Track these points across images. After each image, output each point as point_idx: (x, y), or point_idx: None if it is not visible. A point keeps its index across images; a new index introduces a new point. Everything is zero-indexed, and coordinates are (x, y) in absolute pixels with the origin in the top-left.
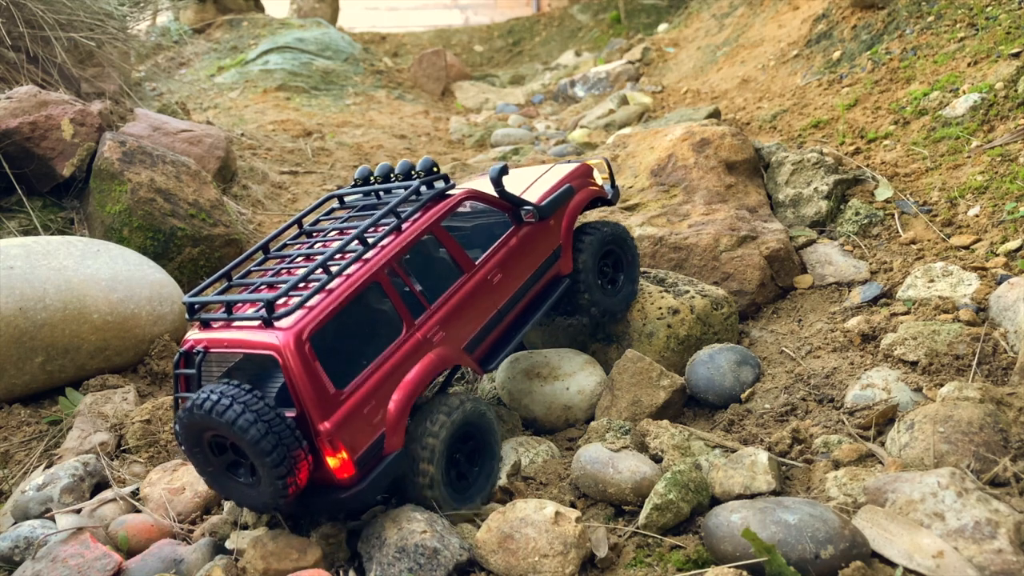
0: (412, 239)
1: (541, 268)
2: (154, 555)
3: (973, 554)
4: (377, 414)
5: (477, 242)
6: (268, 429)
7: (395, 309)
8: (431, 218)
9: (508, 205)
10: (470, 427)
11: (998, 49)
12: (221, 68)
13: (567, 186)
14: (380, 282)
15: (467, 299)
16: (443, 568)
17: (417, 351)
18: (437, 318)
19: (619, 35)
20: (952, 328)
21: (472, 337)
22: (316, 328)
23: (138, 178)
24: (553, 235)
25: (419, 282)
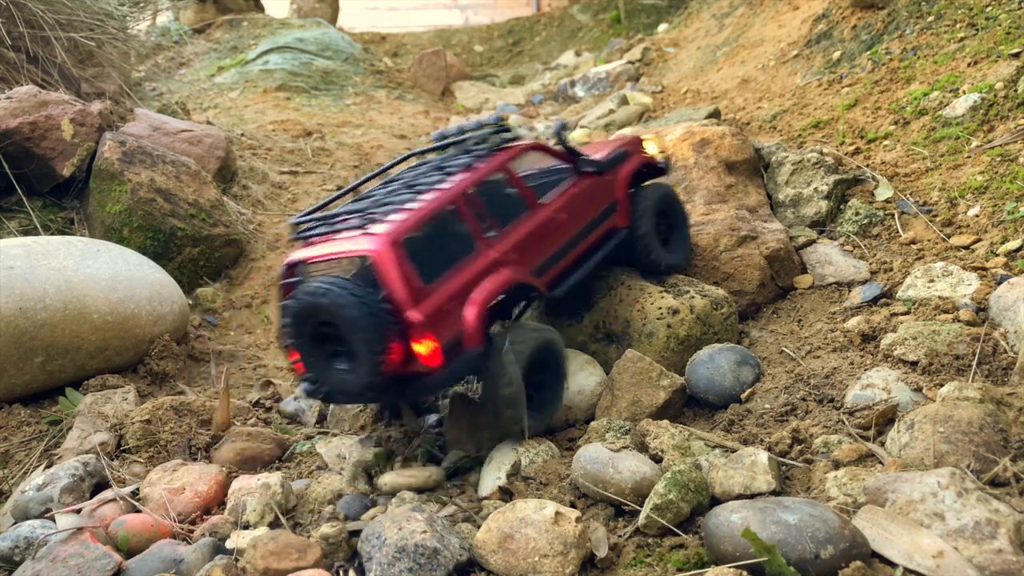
0: (483, 173)
1: (600, 216)
2: (154, 555)
3: (973, 554)
4: (458, 312)
5: (544, 188)
6: (368, 309)
7: (470, 230)
8: (501, 158)
9: (568, 157)
10: (545, 353)
11: (998, 49)
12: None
13: (623, 150)
14: (457, 206)
15: (534, 230)
16: (443, 568)
17: (490, 266)
18: (507, 243)
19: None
20: (952, 328)
21: (540, 264)
22: (404, 233)
23: (138, 178)
24: (610, 190)
25: (491, 212)
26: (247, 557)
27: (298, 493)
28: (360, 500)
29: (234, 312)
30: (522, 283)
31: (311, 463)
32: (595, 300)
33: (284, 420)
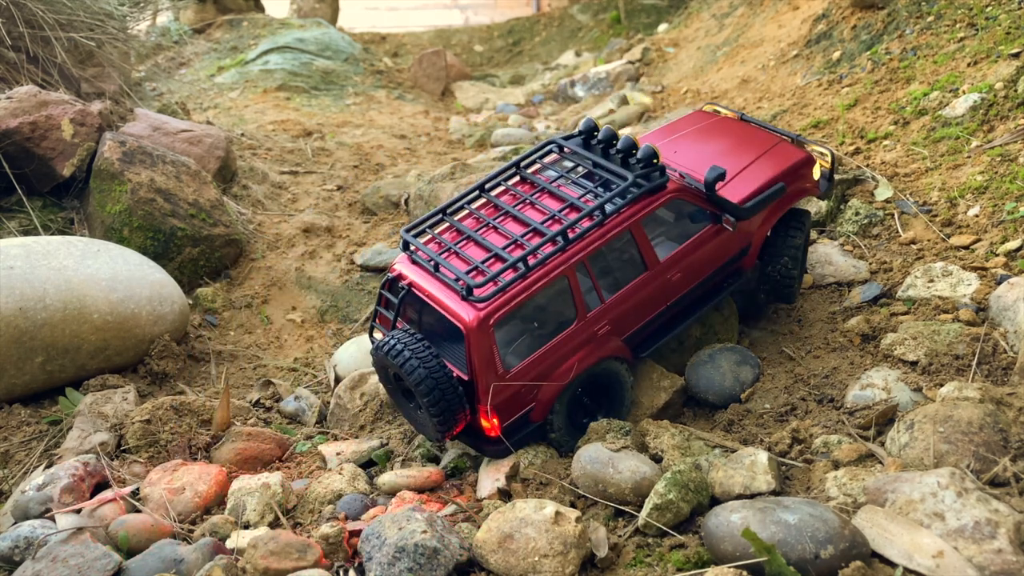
0: (610, 237)
1: (725, 265)
2: (154, 555)
3: (973, 554)
4: (531, 393)
5: (670, 236)
6: (435, 385)
7: (574, 301)
8: (634, 216)
9: (712, 208)
10: (601, 379)
11: (998, 49)
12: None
13: (780, 185)
14: (568, 276)
15: (641, 296)
16: (443, 568)
17: (582, 343)
18: (608, 313)
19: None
20: (952, 328)
21: (637, 329)
22: (504, 315)
23: (138, 178)
24: (749, 232)
25: (602, 276)
26: (247, 557)
27: (298, 493)
28: (360, 500)
29: (234, 312)
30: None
31: (311, 463)
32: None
33: (284, 420)
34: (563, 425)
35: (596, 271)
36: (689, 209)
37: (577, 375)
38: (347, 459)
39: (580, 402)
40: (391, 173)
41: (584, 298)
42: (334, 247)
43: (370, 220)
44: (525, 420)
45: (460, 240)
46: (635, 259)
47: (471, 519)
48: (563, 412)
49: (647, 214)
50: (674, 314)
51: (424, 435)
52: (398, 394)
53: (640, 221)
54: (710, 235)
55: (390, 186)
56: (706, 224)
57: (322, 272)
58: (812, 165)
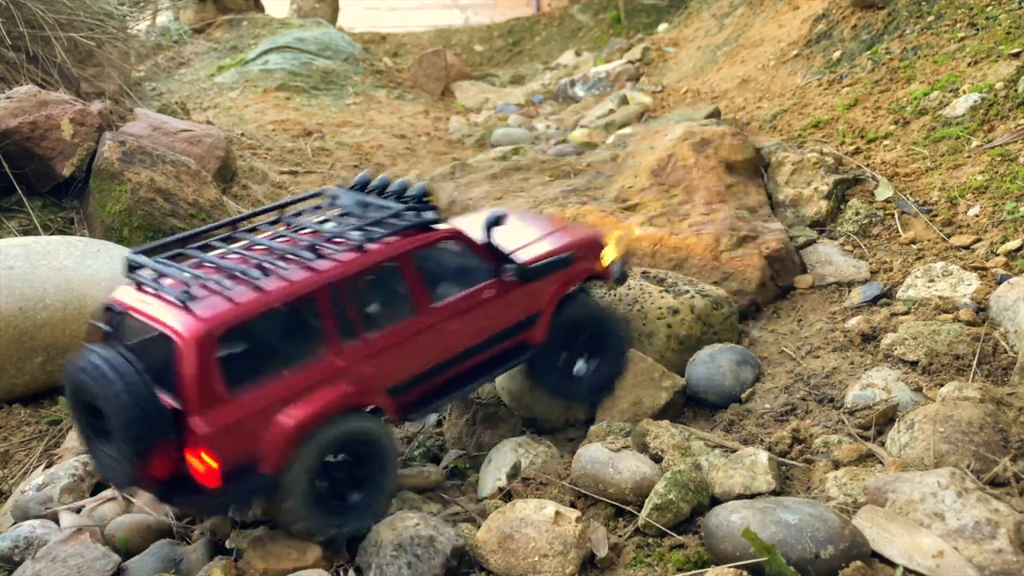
0: (371, 263)
1: (509, 330)
2: (154, 555)
3: (973, 554)
4: (263, 430)
5: (449, 283)
6: (139, 411)
7: (323, 329)
8: (401, 247)
9: (491, 257)
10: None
11: (998, 49)
12: (221, 68)
13: (568, 254)
14: (318, 297)
15: (410, 340)
16: (441, 554)
17: (331, 379)
18: (368, 351)
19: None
20: (952, 328)
21: (403, 381)
22: (229, 326)
23: (138, 178)
24: (534, 300)
25: (363, 308)
26: (247, 557)
27: None
28: None
29: None
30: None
31: None
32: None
33: None
34: (303, 494)
35: (355, 301)
36: (470, 260)
37: (323, 419)
38: None
39: (331, 472)
40: (391, 173)
41: (337, 327)
42: None
43: None
44: (252, 469)
45: (194, 262)
46: (403, 298)
47: (471, 519)
48: (304, 476)
49: (416, 248)
50: (454, 374)
51: (113, 481)
52: (88, 429)
53: (408, 255)
54: (493, 291)
55: None
56: (489, 278)
57: None
58: (602, 247)
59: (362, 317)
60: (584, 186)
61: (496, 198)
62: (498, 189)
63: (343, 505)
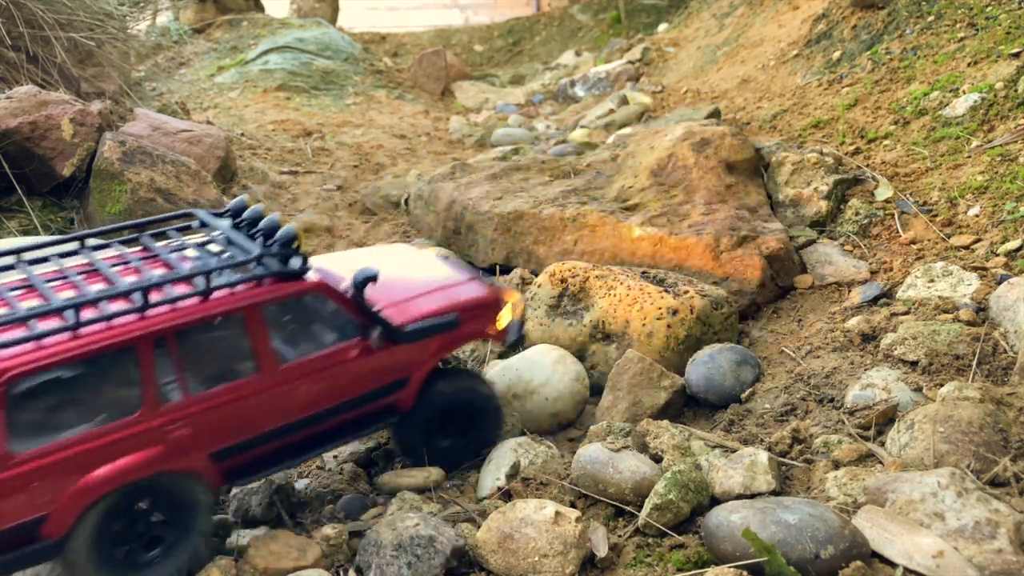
0: (212, 314)
1: (372, 394)
2: None
3: (973, 554)
4: (50, 492)
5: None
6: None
7: (142, 384)
8: (252, 298)
9: (361, 316)
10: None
11: (998, 49)
12: (221, 68)
13: (453, 316)
14: (139, 348)
15: (245, 403)
16: (441, 554)
17: (140, 439)
18: (191, 411)
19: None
20: (952, 328)
21: (231, 445)
22: (25, 373)
23: (138, 178)
24: (406, 363)
25: (193, 363)
26: (247, 557)
27: (299, 493)
28: (360, 500)
29: None
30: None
31: (311, 463)
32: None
33: None
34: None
35: (184, 354)
36: (335, 315)
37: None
38: (347, 459)
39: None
40: (391, 173)
41: (158, 384)
42: (334, 247)
43: (370, 220)
44: (33, 531)
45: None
46: (245, 354)
47: (471, 519)
48: (89, 537)
49: (270, 301)
50: (299, 438)
51: None
52: None
53: (259, 306)
54: (358, 351)
55: (390, 186)
56: (354, 337)
57: None
58: (498, 308)
59: (190, 372)
60: (584, 186)
61: (496, 198)
62: (498, 189)
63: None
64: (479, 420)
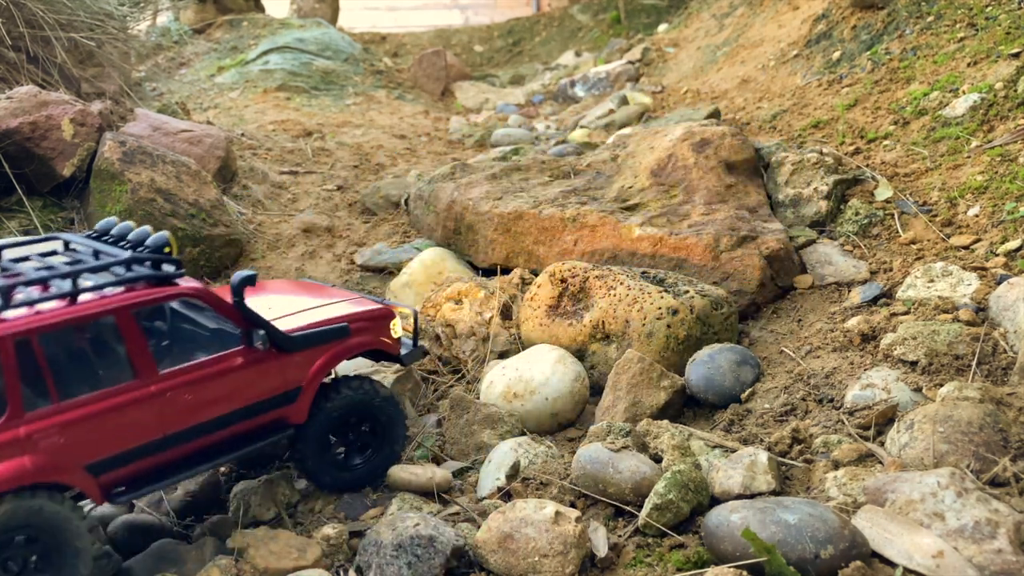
0: (80, 315)
1: (260, 405)
2: (154, 555)
3: (973, 554)
4: None
5: (190, 346)
6: None
7: (3, 389)
8: (122, 301)
9: (242, 322)
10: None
11: (998, 49)
12: (221, 68)
13: (343, 325)
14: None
15: (122, 411)
16: (441, 554)
17: (6, 449)
18: (62, 419)
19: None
20: (952, 328)
21: (109, 456)
22: None
23: (138, 178)
24: (295, 373)
25: (63, 368)
26: (247, 557)
27: (299, 493)
28: (360, 500)
29: None
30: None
31: None
32: None
33: None
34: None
35: (52, 359)
36: (216, 323)
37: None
38: None
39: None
40: (391, 173)
41: (23, 390)
42: (334, 247)
43: (370, 220)
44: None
45: None
46: (120, 360)
47: (471, 519)
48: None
49: (142, 303)
50: (185, 451)
51: None
52: None
53: (131, 311)
54: (240, 359)
55: (390, 186)
56: (237, 344)
57: (322, 272)
58: (390, 319)
59: (60, 378)
60: (584, 186)
61: (496, 198)
62: (498, 189)
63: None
64: (383, 428)
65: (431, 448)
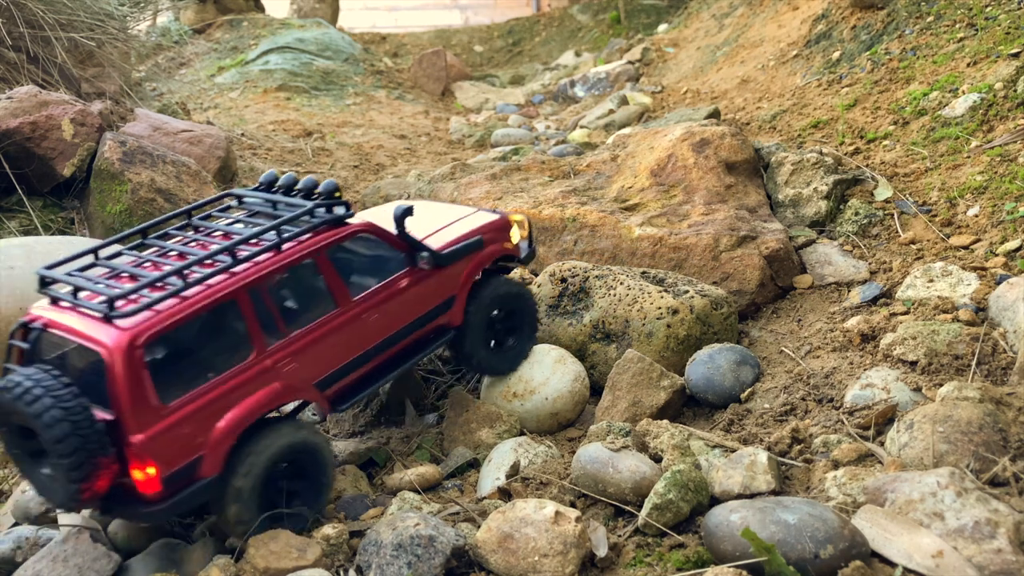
0: (288, 262)
1: (427, 315)
2: (154, 554)
3: (972, 554)
4: (199, 435)
5: (367, 276)
6: (73, 430)
7: (248, 331)
8: (316, 244)
9: (405, 247)
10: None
11: (997, 49)
12: (221, 68)
13: (477, 238)
14: (238, 300)
15: (332, 335)
16: (441, 554)
17: (260, 378)
18: (293, 348)
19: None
20: (951, 328)
21: (329, 374)
22: (155, 335)
23: (138, 178)
24: (449, 284)
25: (284, 307)
26: (247, 557)
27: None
28: (360, 500)
29: None
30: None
31: None
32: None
33: None
34: (251, 499)
35: (276, 301)
36: (384, 251)
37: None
38: (347, 459)
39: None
40: (391, 173)
41: (261, 328)
42: None
43: None
44: (191, 473)
45: (111, 274)
46: (323, 294)
47: (471, 519)
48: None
49: (331, 244)
50: (376, 365)
51: (52, 501)
52: (20, 452)
53: (325, 252)
54: (409, 279)
55: (390, 186)
56: (403, 267)
57: None
58: (509, 228)
59: (284, 315)
60: (584, 186)
61: (496, 198)
62: (498, 189)
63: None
64: (523, 316)
65: (430, 448)
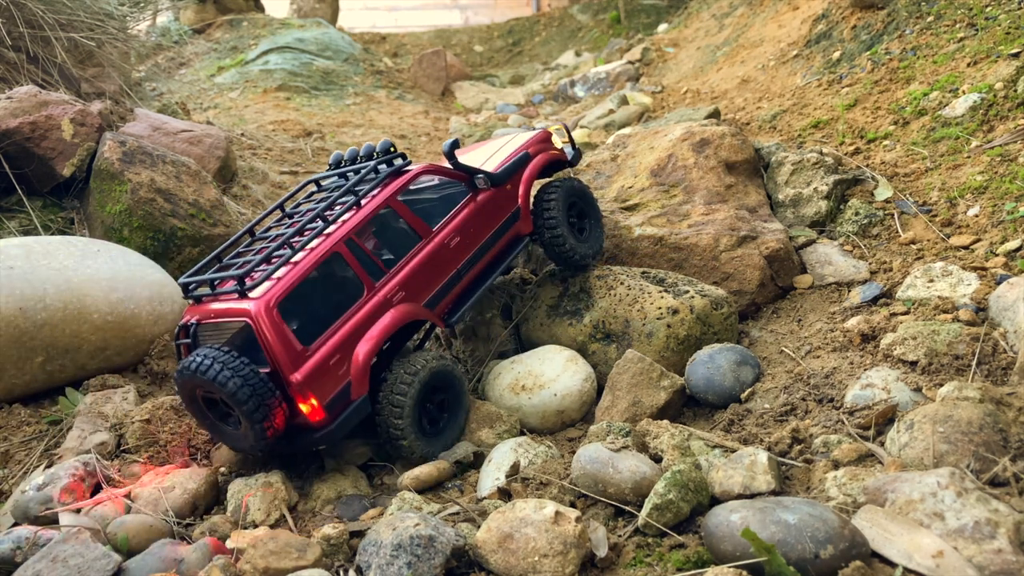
0: (369, 213)
1: (499, 230)
2: (154, 555)
3: (973, 554)
4: (343, 366)
5: (440, 211)
6: (244, 382)
7: (356, 275)
8: (387, 193)
9: (462, 175)
10: (439, 381)
11: (998, 49)
12: (221, 68)
13: (523, 153)
14: (340, 252)
15: (425, 262)
16: (441, 554)
17: (379, 310)
18: (397, 281)
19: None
20: (952, 328)
21: (432, 295)
22: (282, 296)
23: (138, 178)
24: (511, 198)
25: (379, 250)
26: (247, 557)
27: (299, 493)
28: (360, 500)
29: None
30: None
31: (311, 463)
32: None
33: None
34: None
35: (371, 246)
36: (447, 185)
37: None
38: (347, 459)
39: (424, 407)
40: None
41: (367, 271)
42: None
43: None
44: (346, 397)
45: (234, 264)
46: (407, 231)
47: (471, 519)
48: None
49: (399, 189)
50: (470, 280)
51: (244, 450)
52: (207, 419)
53: (396, 196)
54: (474, 203)
55: None
56: (467, 194)
57: None
58: (549, 138)
59: (381, 256)
60: None
61: None
62: None
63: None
64: (591, 209)
65: None
